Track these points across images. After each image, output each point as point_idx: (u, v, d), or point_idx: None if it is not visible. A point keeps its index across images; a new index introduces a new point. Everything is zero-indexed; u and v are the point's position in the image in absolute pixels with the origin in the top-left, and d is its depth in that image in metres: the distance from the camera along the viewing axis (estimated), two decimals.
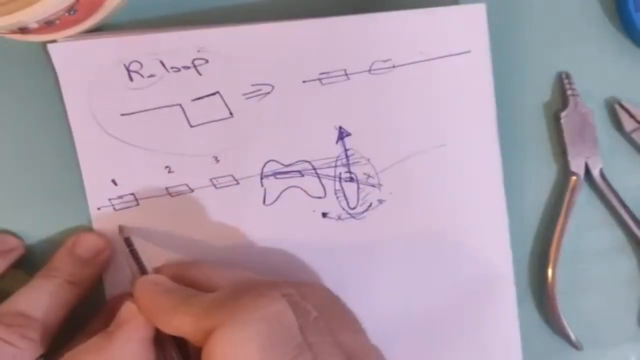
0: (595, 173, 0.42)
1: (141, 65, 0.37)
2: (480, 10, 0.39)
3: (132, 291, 0.34)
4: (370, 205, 0.40)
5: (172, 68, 0.38)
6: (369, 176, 0.40)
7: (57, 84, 0.37)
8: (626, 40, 0.43)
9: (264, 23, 0.38)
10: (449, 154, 0.40)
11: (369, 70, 0.39)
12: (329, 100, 0.39)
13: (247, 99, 0.38)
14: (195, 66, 0.38)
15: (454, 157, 0.40)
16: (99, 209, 0.38)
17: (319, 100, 0.39)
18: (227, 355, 0.28)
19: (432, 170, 0.40)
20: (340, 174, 0.40)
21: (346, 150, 0.39)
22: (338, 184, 0.40)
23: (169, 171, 0.38)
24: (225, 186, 0.39)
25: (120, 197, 0.38)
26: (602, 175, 0.42)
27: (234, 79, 0.38)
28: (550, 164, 0.43)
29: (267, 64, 0.38)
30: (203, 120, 0.38)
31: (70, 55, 0.37)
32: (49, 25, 0.34)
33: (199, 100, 0.38)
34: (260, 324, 0.29)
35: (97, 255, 0.37)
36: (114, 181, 0.38)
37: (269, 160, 0.39)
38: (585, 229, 0.43)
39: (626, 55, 0.43)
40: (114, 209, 0.38)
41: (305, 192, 0.39)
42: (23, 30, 0.34)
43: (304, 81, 0.39)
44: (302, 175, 0.39)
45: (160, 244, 0.39)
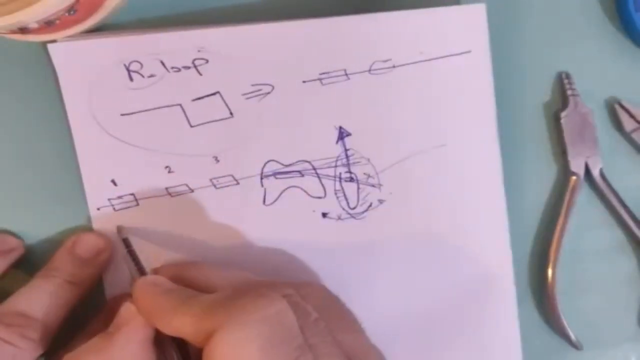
0: (595, 173, 0.42)
1: (141, 65, 0.37)
2: (480, 10, 0.39)
3: (131, 292, 0.34)
4: (370, 205, 0.40)
5: (172, 68, 0.38)
6: (369, 176, 0.40)
7: (57, 84, 0.37)
8: (626, 40, 0.43)
9: (264, 23, 0.38)
10: (449, 154, 0.40)
11: (369, 70, 0.39)
12: (329, 100, 0.39)
13: (247, 99, 0.38)
14: (195, 66, 0.38)
15: (454, 157, 0.40)
16: (98, 209, 0.38)
17: (319, 100, 0.39)
18: (228, 356, 0.28)
19: (432, 170, 0.40)
20: (340, 174, 0.40)
21: (346, 150, 0.39)
22: (338, 184, 0.40)
23: (169, 171, 0.38)
24: (225, 186, 0.39)
25: (120, 197, 0.38)
26: (602, 175, 0.42)
27: (234, 79, 0.38)
28: (550, 164, 0.43)
29: (267, 64, 0.38)
30: (203, 120, 0.38)
31: (70, 55, 0.37)
32: (49, 25, 0.34)
33: (199, 100, 0.38)
34: (260, 325, 0.29)
35: (97, 255, 0.37)
36: (113, 181, 0.38)
37: (269, 160, 0.39)
38: (585, 229, 0.43)
39: (626, 55, 0.43)
40: (114, 209, 0.38)
41: (305, 192, 0.39)
42: (23, 30, 0.34)
43: (304, 81, 0.39)
44: (302, 175, 0.39)
45: (160, 244, 0.39)
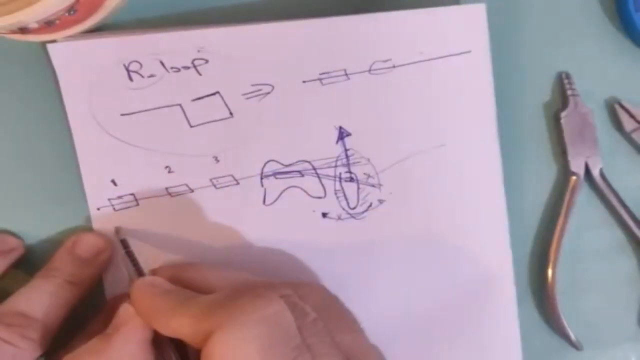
0: (595, 173, 0.42)
1: (141, 65, 0.37)
2: (480, 10, 0.39)
3: (129, 293, 0.34)
4: (370, 205, 0.40)
5: (172, 68, 0.38)
6: (369, 176, 0.40)
7: (57, 84, 0.37)
8: (626, 40, 0.43)
9: (264, 23, 0.38)
10: (449, 154, 0.40)
11: (369, 70, 0.39)
12: (329, 100, 0.39)
13: (247, 99, 0.38)
14: (195, 66, 0.38)
15: (454, 157, 0.40)
16: (98, 209, 0.38)
17: (319, 100, 0.39)
18: (226, 357, 0.28)
19: (432, 170, 0.40)
20: (340, 174, 0.40)
21: (346, 150, 0.39)
22: (338, 184, 0.40)
23: (169, 171, 0.38)
24: (225, 186, 0.39)
25: (120, 197, 0.38)
26: (602, 175, 0.42)
27: (234, 79, 0.38)
28: (550, 164, 0.43)
29: (267, 64, 0.38)
30: (203, 120, 0.38)
31: (70, 55, 0.37)
32: (49, 25, 0.34)
33: (199, 100, 0.38)
34: (258, 326, 0.29)
35: (97, 255, 0.37)
36: (113, 181, 0.38)
37: (269, 160, 0.39)
38: (585, 229, 0.43)
39: (626, 55, 0.43)
40: (114, 209, 0.38)
41: (305, 192, 0.39)
42: (23, 30, 0.34)
43: (304, 81, 0.39)
44: (302, 175, 0.39)
45: (160, 244, 0.39)
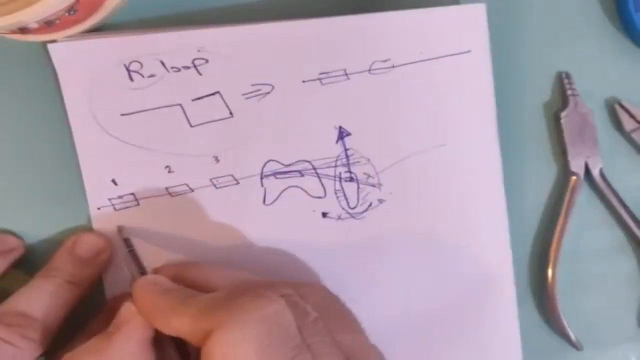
0: (595, 173, 0.42)
1: (141, 65, 0.37)
2: (480, 10, 0.39)
3: (131, 292, 0.34)
4: (370, 205, 0.40)
5: (172, 68, 0.38)
6: (369, 176, 0.40)
7: (57, 84, 0.37)
8: (626, 40, 0.43)
9: (264, 23, 0.38)
10: (449, 154, 0.40)
11: (369, 70, 0.39)
12: (329, 100, 0.39)
13: (247, 99, 0.38)
14: (195, 66, 0.38)
15: (454, 157, 0.40)
16: (99, 209, 0.38)
17: (319, 100, 0.39)
18: (226, 356, 0.28)
19: (432, 170, 0.40)
20: (340, 173, 0.40)
21: (346, 150, 0.39)
22: (338, 183, 0.40)
23: (169, 171, 0.38)
24: (225, 186, 0.39)
25: (120, 197, 0.38)
26: (602, 175, 0.42)
27: (234, 79, 0.38)
28: (550, 164, 0.43)
29: (267, 64, 0.38)
30: (203, 120, 0.38)
31: (70, 55, 0.37)
32: (49, 25, 0.34)
33: (199, 100, 0.38)
34: (258, 325, 0.29)
35: (97, 255, 0.37)
36: (114, 181, 0.38)
37: (269, 160, 0.39)
38: (585, 229, 0.43)
39: (626, 55, 0.43)
40: (114, 208, 0.38)
41: (305, 192, 0.39)
42: (23, 30, 0.34)
43: (303, 81, 0.39)
44: (302, 175, 0.39)
45: (160, 244, 0.39)
